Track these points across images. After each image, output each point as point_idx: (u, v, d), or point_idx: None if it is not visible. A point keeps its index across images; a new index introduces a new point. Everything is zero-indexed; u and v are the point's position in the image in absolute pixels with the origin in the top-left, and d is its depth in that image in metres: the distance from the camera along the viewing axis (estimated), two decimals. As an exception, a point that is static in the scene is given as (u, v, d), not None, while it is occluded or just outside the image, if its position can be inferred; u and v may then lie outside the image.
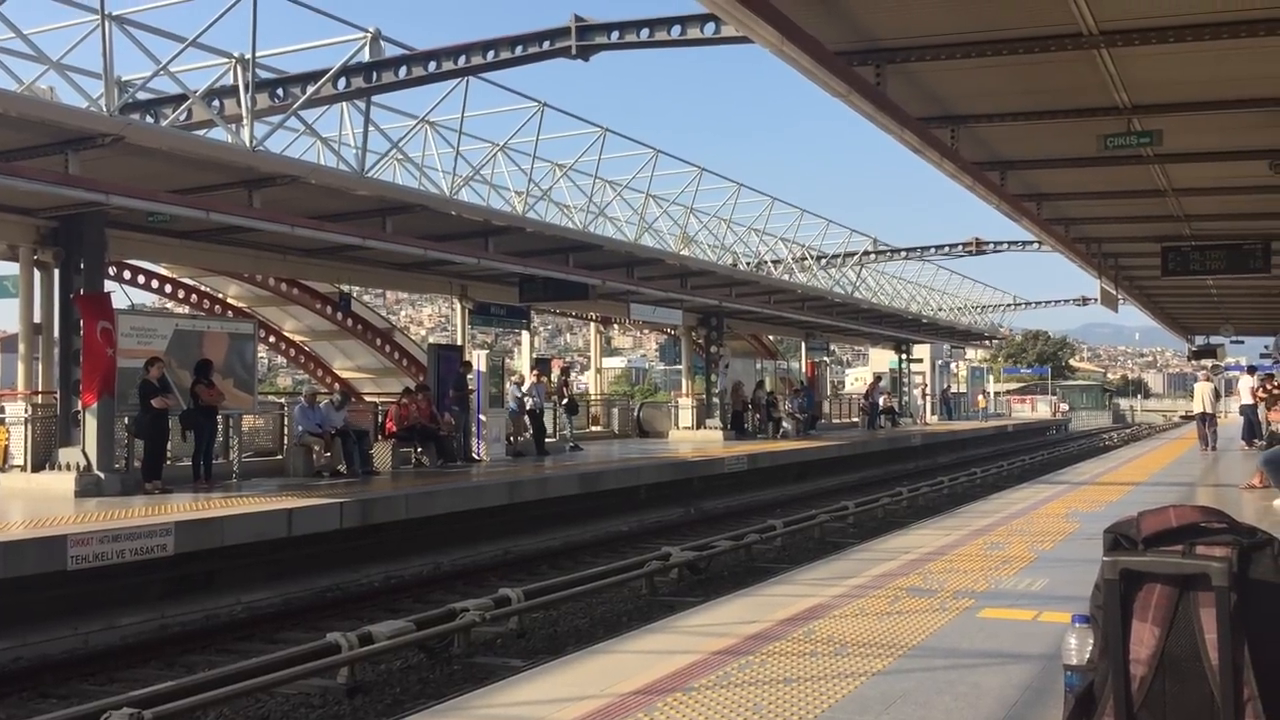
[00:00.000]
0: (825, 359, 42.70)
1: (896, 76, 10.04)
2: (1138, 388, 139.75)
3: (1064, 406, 73.13)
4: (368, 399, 24.56)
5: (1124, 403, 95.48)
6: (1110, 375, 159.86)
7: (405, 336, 32.93)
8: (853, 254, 33.60)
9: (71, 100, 13.30)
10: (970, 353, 60.93)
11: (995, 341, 64.64)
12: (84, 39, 12.90)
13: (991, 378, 69.90)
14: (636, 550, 15.37)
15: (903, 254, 35.64)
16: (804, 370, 39.76)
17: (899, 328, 42.63)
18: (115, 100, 12.89)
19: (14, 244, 15.68)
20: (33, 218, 15.00)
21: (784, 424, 31.98)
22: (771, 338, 44.24)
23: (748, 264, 29.25)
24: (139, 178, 13.96)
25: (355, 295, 29.40)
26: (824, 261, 32.77)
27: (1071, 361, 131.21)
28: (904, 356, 47.25)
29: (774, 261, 30.80)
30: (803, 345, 40.83)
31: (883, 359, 49.55)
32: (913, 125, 10.73)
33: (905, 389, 46.83)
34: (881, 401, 39.99)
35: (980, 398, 59.50)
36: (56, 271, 15.26)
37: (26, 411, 15.27)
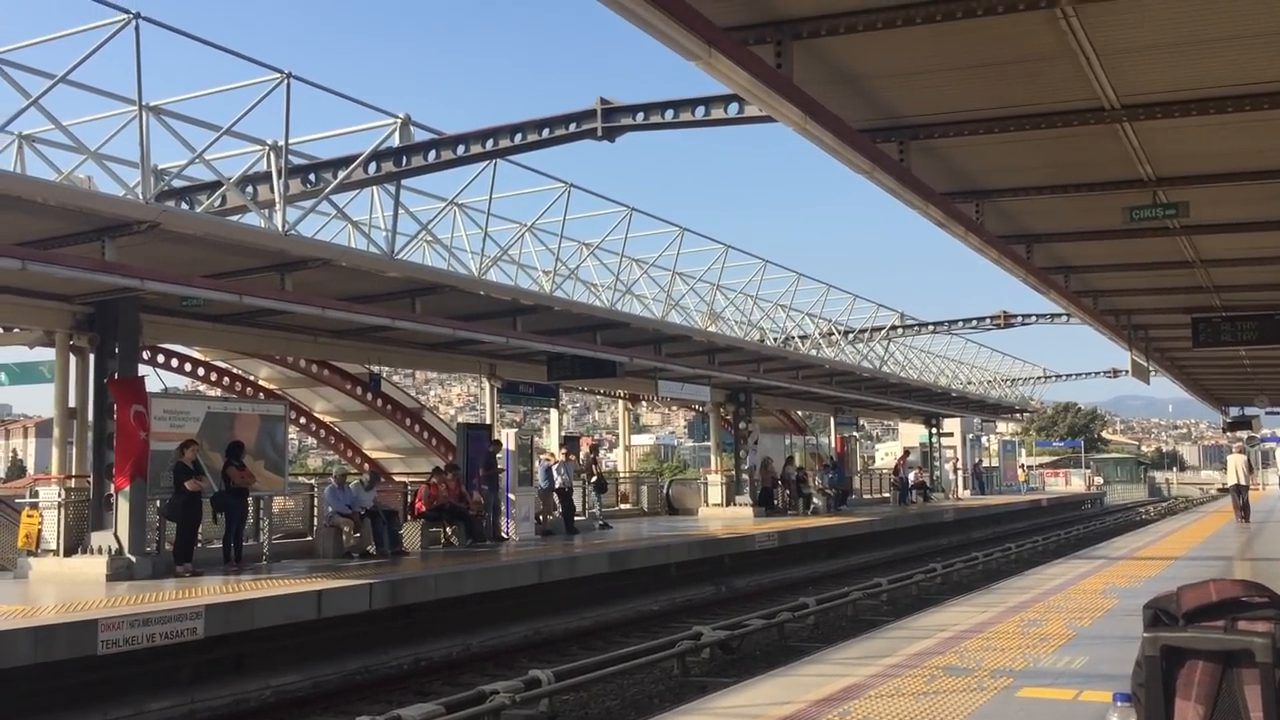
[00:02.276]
0: (855, 434, 42.47)
1: (920, 152, 10.13)
2: (1173, 460, 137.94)
3: (1098, 480, 72.19)
4: (397, 479, 24.59)
5: (1159, 476, 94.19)
6: (1144, 448, 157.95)
7: (434, 416, 33.05)
8: (880, 328, 33.54)
9: (109, 188, 13.59)
10: (1001, 426, 60.48)
11: (1026, 415, 64.08)
12: (122, 129, 13.20)
13: (1023, 451, 69.21)
14: (667, 629, 15.21)
15: (930, 328, 35.54)
16: (833, 445, 39.53)
17: (928, 402, 42.40)
18: (151, 188, 13.13)
19: (50, 329, 15.91)
20: (69, 304, 15.27)
21: (814, 500, 31.72)
22: (800, 413, 44.07)
23: (775, 340, 29.23)
24: (174, 263, 14.18)
25: (385, 375, 29.58)
26: (851, 336, 32.72)
27: (1104, 434, 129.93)
28: (934, 430, 46.93)
29: (801, 337, 30.77)
30: (832, 420, 40.66)
31: (913, 433, 49.22)
32: (937, 200, 10.80)
33: (936, 463, 46.42)
34: (912, 476, 39.66)
35: (1021, 471, 58.91)
36: (92, 356, 15.47)
37: (59, 496, 15.37)
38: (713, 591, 20.50)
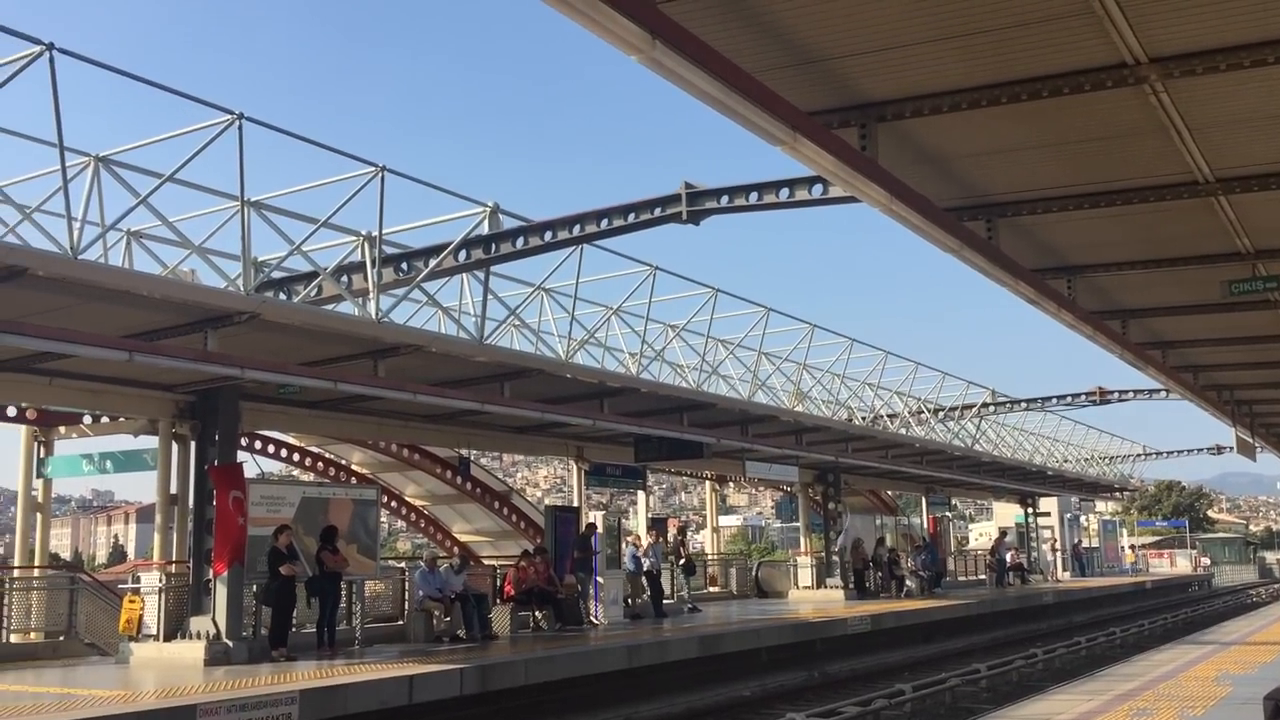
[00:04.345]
0: (947, 514, 41.59)
1: (1008, 230, 10.07)
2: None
3: (1205, 561, 69.53)
4: (486, 562, 24.67)
5: (1270, 556, 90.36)
6: (1252, 526, 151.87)
7: (522, 499, 33.22)
8: (970, 406, 33.02)
9: (211, 281, 14.07)
10: (1100, 505, 58.78)
11: (1126, 493, 62.22)
12: (224, 224, 13.70)
13: (1124, 531, 67.08)
14: (759, 716, 14.93)
15: (1023, 405, 34.87)
16: (926, 526, 38.76)
17: (1023, 480, 41.45)
18: (252, 280, 13.58)
19: (154, 418, 16.43)
20: (172, 393, 15.75)
21: (907, 582, 31.04)
22: (890, 493, 43.36)
23: (863, 419, 28.93)
24: (272, 351, 14.58)
25: (473, 459, 29.86)
26: (941, 414, 32.24)
27: (1210, 513, 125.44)
28: (1030, 510, 45.78)
29: (890, 416, 30.41)
30: (923, 500, 39.92)
31: (1007, 513, 48.07)
32: (1027, 277, 10.68)
33: (1033, 544, 45.20)
34: (1009, 558, 38.65)
35: (1129, 551, 57.19)
36: (193, 443, 15.90)
37: (160, 581, 15.69)
38: (805, 677, 20.07)
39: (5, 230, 12.61)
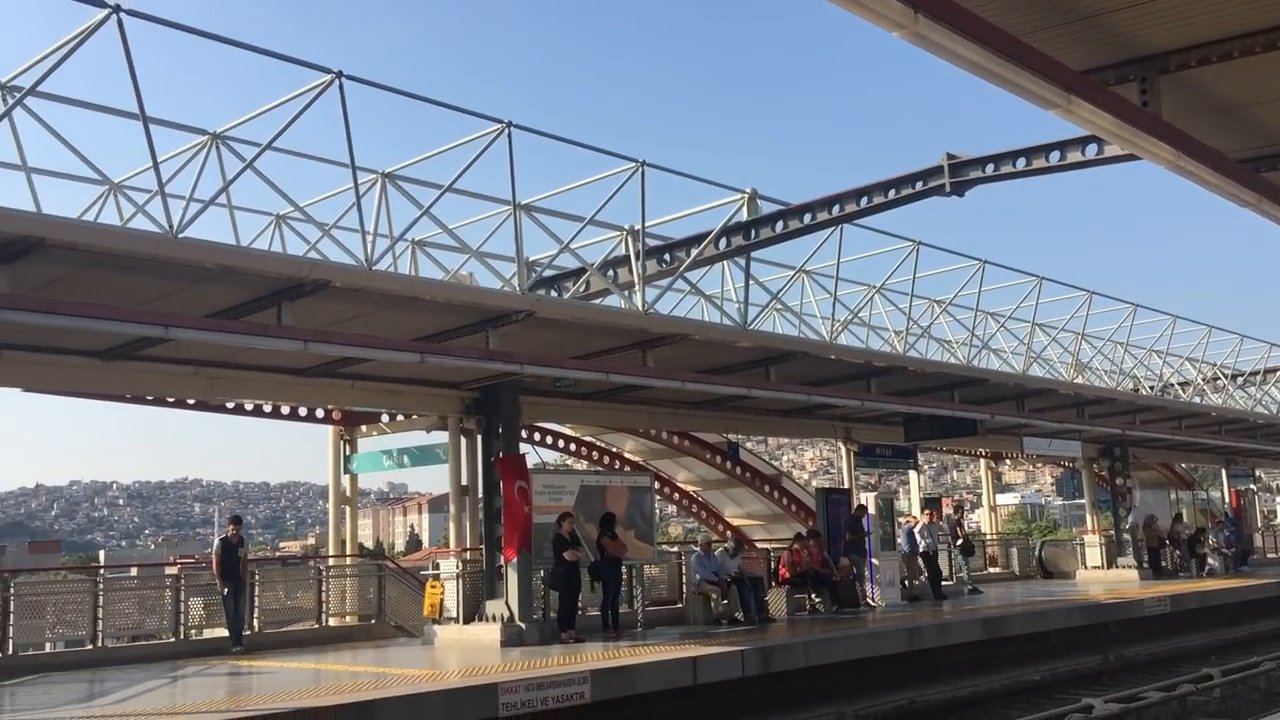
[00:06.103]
0: (1251, 486, 38.58)
1: (1314, 178, 9.25)
2: None
3: None
4: (759, 545, 24.85)
5: None
6: None
7: (792, 481, 33.22)
8: (1274, 370, 30.47)
9: (487, 282, 14.86)
10: None
11: None
12: (498, 229, 14.43)
13: None
14: (1052, 701, 14.38)
15: (1338, 365, 31.88)
16: (1227, 500, 36.09)
17: (1340, 448, 37.91)
18: (525, 279, 14.22)
19: (444, 414, 17.51)
20: (458, 390, 16.74)
21: (1209, 560, 29.05)
22: (1184, 466, 40.65)
23: (1150, 388, 27.25)
24: (545, 346, 15.23)
25: (740, 443, 30.10)
26: (1240, 380, 29.92)
27: None
28: (1349, 480, 41.86)
29: (1181, 384, 28.50)
30: (1223, 472, 37.22)
31: (1322, 484, 44.04)
32: (1339, 227, 9.79)
33: (1354, 517, 41.27)
34: (1327, 532, 35.50)
35: None
36: (479, 437, 16.84)
37: (457, 568, 16.70)
38: (1099, 661, 19.13)
39: (308, 247, 13.74)
